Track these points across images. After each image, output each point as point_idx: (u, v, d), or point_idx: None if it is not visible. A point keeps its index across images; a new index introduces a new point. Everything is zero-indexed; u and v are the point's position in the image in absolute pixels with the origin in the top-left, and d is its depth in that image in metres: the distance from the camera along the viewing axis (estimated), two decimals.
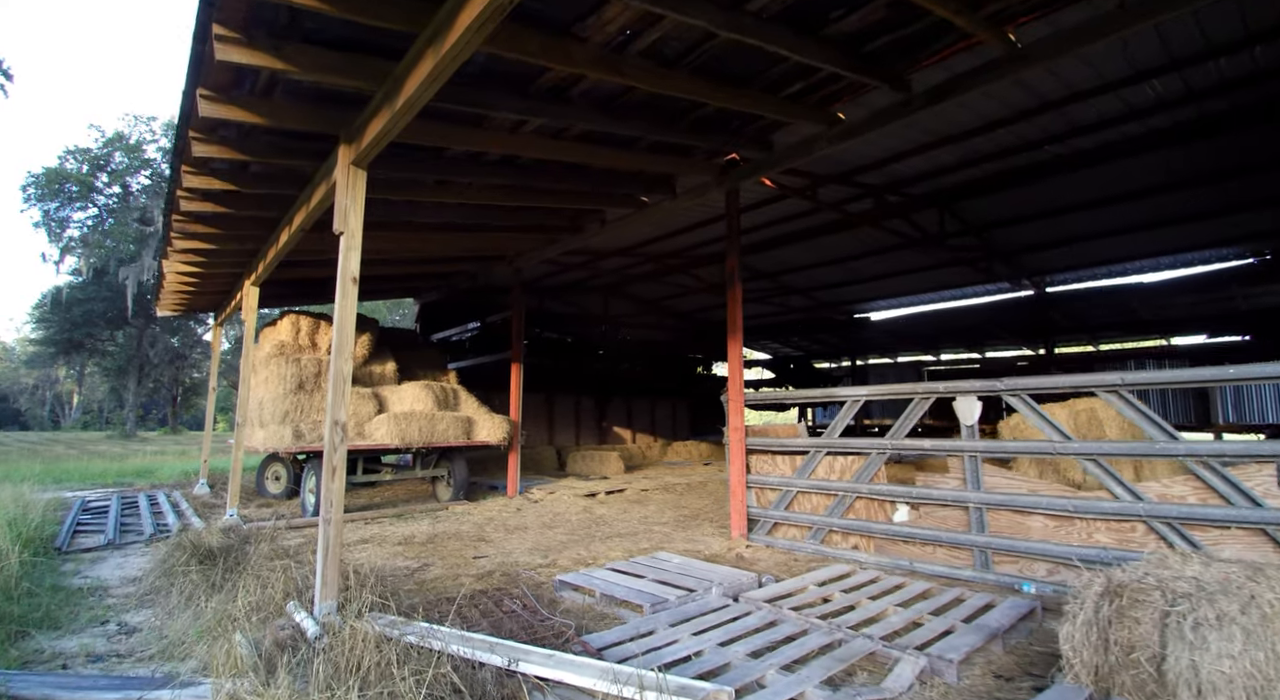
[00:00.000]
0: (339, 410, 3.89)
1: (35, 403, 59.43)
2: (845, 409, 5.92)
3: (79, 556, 6.25)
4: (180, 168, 4.99)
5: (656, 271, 13.87)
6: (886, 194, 9.72)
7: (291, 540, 6.95)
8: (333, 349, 3.97)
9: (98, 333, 35.31)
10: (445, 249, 9.13)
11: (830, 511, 5.93)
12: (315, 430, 8.33)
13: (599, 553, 6.19)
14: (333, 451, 3.86)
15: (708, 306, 19.23)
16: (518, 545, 6.64)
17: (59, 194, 28.95)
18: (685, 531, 7.30)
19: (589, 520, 8.12)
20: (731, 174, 6.84)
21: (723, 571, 4.99)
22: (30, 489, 8.97)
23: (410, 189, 6.22)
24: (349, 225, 4.07)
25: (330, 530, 3.83)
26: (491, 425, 9.65)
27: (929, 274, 14.94)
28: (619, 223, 8.62)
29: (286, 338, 9.31)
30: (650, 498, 10.10)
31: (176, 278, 8.58)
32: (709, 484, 11.68)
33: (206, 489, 11.22)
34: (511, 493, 10.24)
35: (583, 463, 13.77)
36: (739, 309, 6.80)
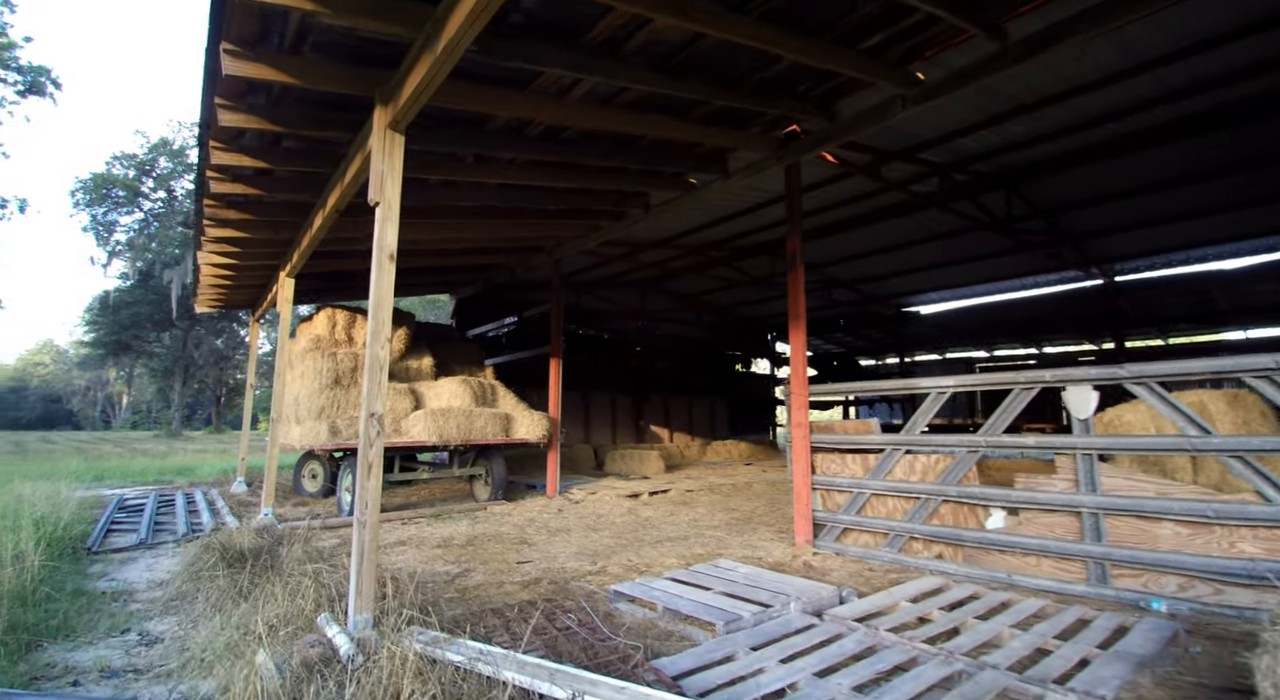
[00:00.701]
0: (375, 402, 3.47)
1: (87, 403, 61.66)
2: (928, 403, 5.30)
3: (109, 557, 6.00)
4: (209, 143, 4.65)
5: (698, 264, 13.33)
6: (952, 172, 9.02)
7: (326, 541, 6.61)
8: (368, 333, 3.55)
9: (144, 335, 36.23)
10: (483, 238, 8.74)
11: (911, 516, 5.32)
12: (351, 427, 8.02)
13: (651, 559, 5.69)
14: (368, 447, 3.44)
15: (748, 301, 18.60)
16: (562, 549, 6.18)
17: (106, 199, 29.70)
18: (741, 536, 6.75)
19: (635, 523, 7.63)
20: (792, 147, 6.28)
21: (797, 583, 4.44)
22: (69, 486, 8.88)
23: (448, 166, 5.82)
24: (385, 195, 3.65)
25: (365, 534, 3.41)
26: (530, 422, 9.24)
27: (988, 263, 14.09)
28: (664, 208, 8.11)
29: (322, 332, 9.05)
30: (696, 499, 9.57)
31: (211, 271, 8.37)
32: (754, 485, 11.09)
33: (244, 487, 11.07)
34: (551, 492, 9.81)
35: (622, 462, 13.31)
36: (801, 295, 6.23)
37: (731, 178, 7.06)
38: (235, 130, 4.48)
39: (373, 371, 3.49)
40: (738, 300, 18.96)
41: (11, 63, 24.72)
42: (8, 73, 24.88)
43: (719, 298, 18.92)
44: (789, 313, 6.29)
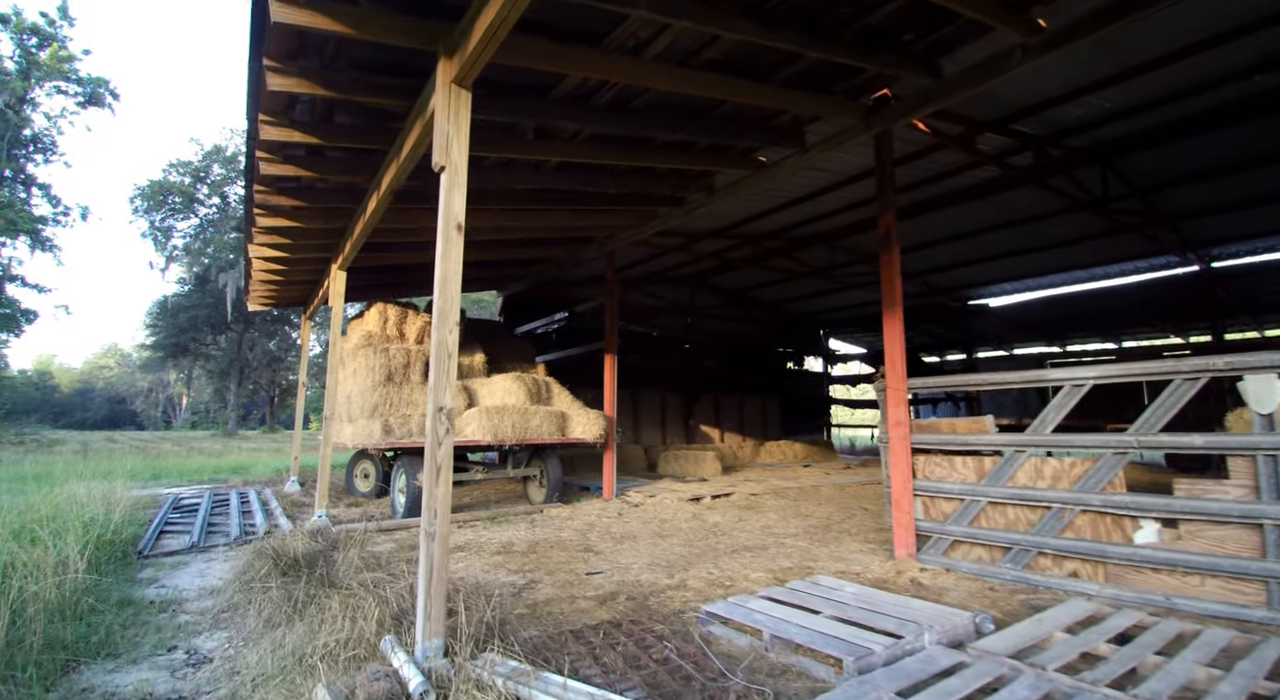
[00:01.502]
0: (444, 394, 3.00)
1: (150, 404, 64.24)
2: (1060, 397, 4.59)
3: (160, 561, 5.75)
4: (258, 118, 4.29)
5: (754, 255, 12.68)
6: (1047, 146, 8.19)
7: (382, 545, 6.26)
8: (435, 314, 3.09)
9: (201, 337, 37.35)
10: (537, 228, 8.31)
11: (1040, 528, 4.62)
12: (405, 425, 7.68)
13: (734, 572, 5.12)
14: (436, 446, 2.97)
15: (799, 295, 17.85)
16: (632, 558, 5.67)
17: (163, 205, 30.62)
18: (826, 547, 6.12)
19: (703, 529, 7.07)
20: (884, 112, 5.63)
21: (920, 607, 3.81)
22: (124, 486, 8.80)
23: (507, 143, 5.37)
24: (451, 157, 3.18)
25: (435, 548, 2.94)
26: (587, 421, 8.77)
27: (1069, 250, 13.06)
28: (729, 191, 7.52)
29: (374, 328, 8.76)
30: (762, 503, 8.94)
31: (263, 266, 8.15)
32: (821, 488, 10.39)
33: (297, 486, 10.93)
34: (608, 495, 9.33)
35: (675, 463, 12.75)
36: (897, 278, 5.59)
37: (809, 152, 6.43)
38: (285, 98, 4.10)
39: (439, 359, 3.03)
40: (788, 295, 18.21)
41: (71, 75, 25.64)
42: (68, 85, 25.83)
43: (769, 293, 18.22)
44: (883, 298, 5.65)
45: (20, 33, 24.54)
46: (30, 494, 7.77)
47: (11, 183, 24.52)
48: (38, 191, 25.48)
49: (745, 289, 18.08)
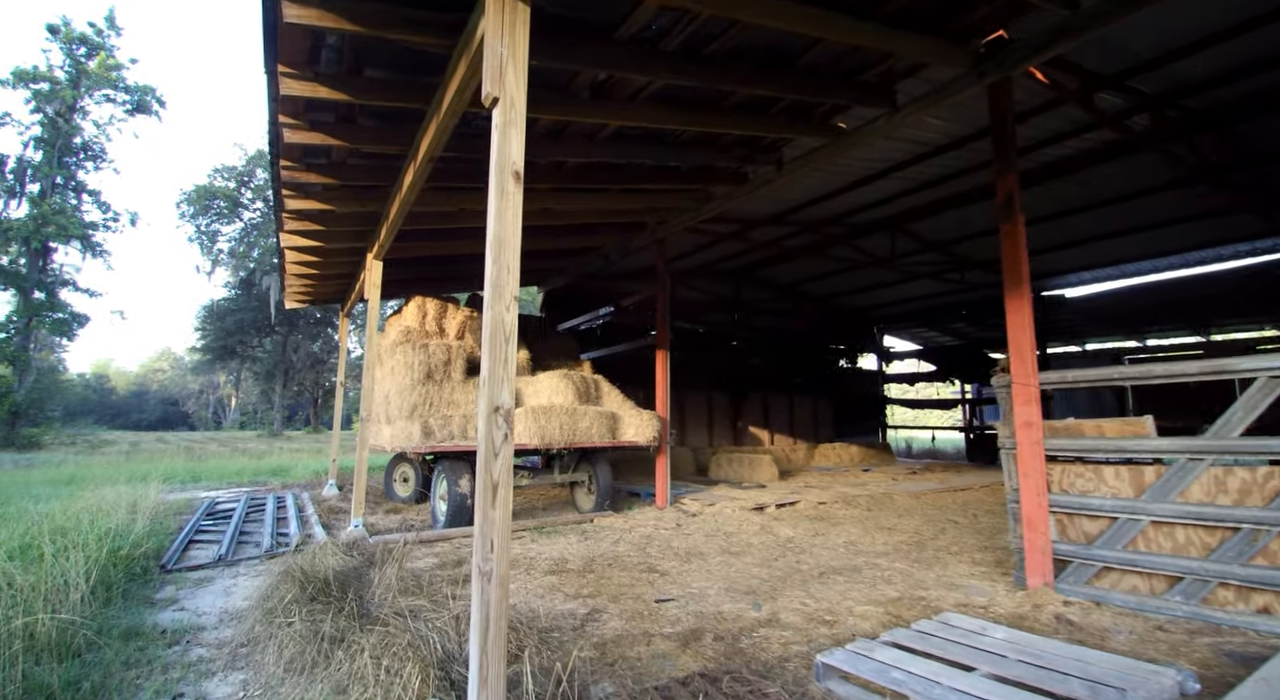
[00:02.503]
0: (500, 389, 2.30)
1: (201, 406, 66.13)
2: (1253, 392, 3.67)
3: (183, 577, 5.22)
4: (277, 70, 3.68)
5: (814, 243, 11.77)
6: (1164, 107, 7.15)
7: (422, 560, 5.64)
8: (487, 286, 2.39)
9: (247, 340, 37.97)
10: (584, 211, 7.63)
11: (1222, 554, 3.70)
12: (446, 427, 7.07)
13: (832, 603, 4.32)
14: (492, 456, 2.27)
15: (852, 290, 16.83)
16: (704, 581, 4.91)
17: (208, 210, 31.10)
18: (929, 570, 5.26)
19: (776, 545, 6.27)
20: (999, 58, 4.75)
21: (1101, 660, 2.96)
22: (158, 490, 8.43)
23: (559, 102, 4.67)
24: (506, 87, 2.48)
25: (492, 592, 2.23)
26: (639, 422, 8.05)
27: (1163, 232, 11.84)
28: (799, 165, 6.70)
29: (413, 323, 8.20)
30: (834, 514, 8.08)
31: (295, 257, 7.66)
32: (894, 497, 9.46)
33: (335, 490, 10.48)
34: (661, 503, 8.59)
35: (728, 467, 11.96)
36: (1022, 251, 4.73)
37: (899, 112, 5.58)
38: (306, 41, 3.47)
39: (495, 345, 2.32)
40: (840, 289, 17.21)
41: (119, 83, 26.11)
42: (116, 93, 26.31)
43: (819, 287, 17.25)
44: (1006, 277, 4.78)
45: (69, 42, 25.09)
46: (58, 500, 7.42)
47: (63, 190, 25.07)
48: (88, 198, 26.04)
49: (794, 283, 17.15)
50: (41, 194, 24.01)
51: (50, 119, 24.35)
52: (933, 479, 11.68)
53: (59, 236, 23.66)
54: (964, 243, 13.08)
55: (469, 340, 8.28)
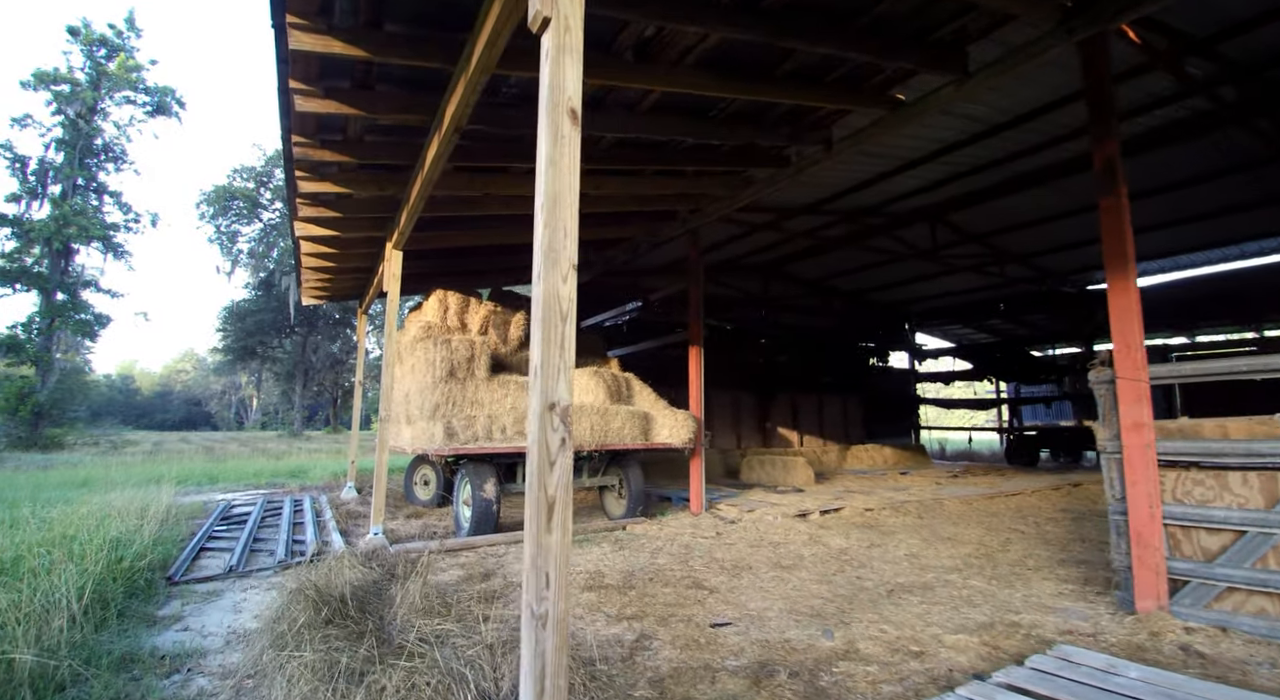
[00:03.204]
0: (556, 381, 1.82)
1: (223, 406, 66.86)
2: None
3: (191, 590, 4.82)
4: (285, 23, 3.23)
5: (851, 234, 11.18)
6: (1249, 77, 6.51)
7: (448, 573, 5.19)
8: (539, 251, 1.90)
9: (268, 340, 38.07)
10: (615, 197, 7.16)
11: None
12: (470, 427, 6.63)
13: (914, 629, 3.79)
14: (546, 465, 1.78)
15: (887, 283, 16.19)
16: (760, 600, 4.40)
17: (227, 210, 31.12)
18: (1010, 588, 4.70)
19: (830, 557, 5.73)
20: (1091, 12, 4.19)
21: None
22: (170, 493, 8.09)
23: (600, 65, 4.18)
24: (559, 7, 1.99)
25: (548, 640, 1.74)
26: (674, 423, 7.55)
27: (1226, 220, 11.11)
28: (850, 144, 6.16)
29: (433, 318, 7.78)
30: (883, 521, 7.52)
31: (311, 248, 7.26)
32: (944, 503, 8.86)
33: (353, 493, 10.11)
34: (696, 508, 8.08)
35: (761, 470, 11.42)
36: (1127, 227, 4.15)
37: (972, 78, 5.02)
38: None
39: (549, 324, 1.84)
40: (871, 284, 16.59)
41: (139, 84, 26.14)
42: (136, 94, 26.35)
43: (849, 282, 16.64)
44: (1107, 258, 4.21)
45: (89, 44, 25.15)
46: (67, 504, 7.10)
47: (84, 191, 25.14)
48: (109, 199, 26.10)
49: (823, 278, 16.56)
50: (63, 195, 24.07)
51: (71, 120, 24.42)
52: (979, 483, 11.04)
53: (80, 237, 23.70)
54: (1005, 235, 12.43)
55: (492, 336, 7.84)
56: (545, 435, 1.80)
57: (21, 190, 23.91)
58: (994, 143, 8.36)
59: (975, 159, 9.03)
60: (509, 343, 8.02)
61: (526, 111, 4.72)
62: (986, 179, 9.81)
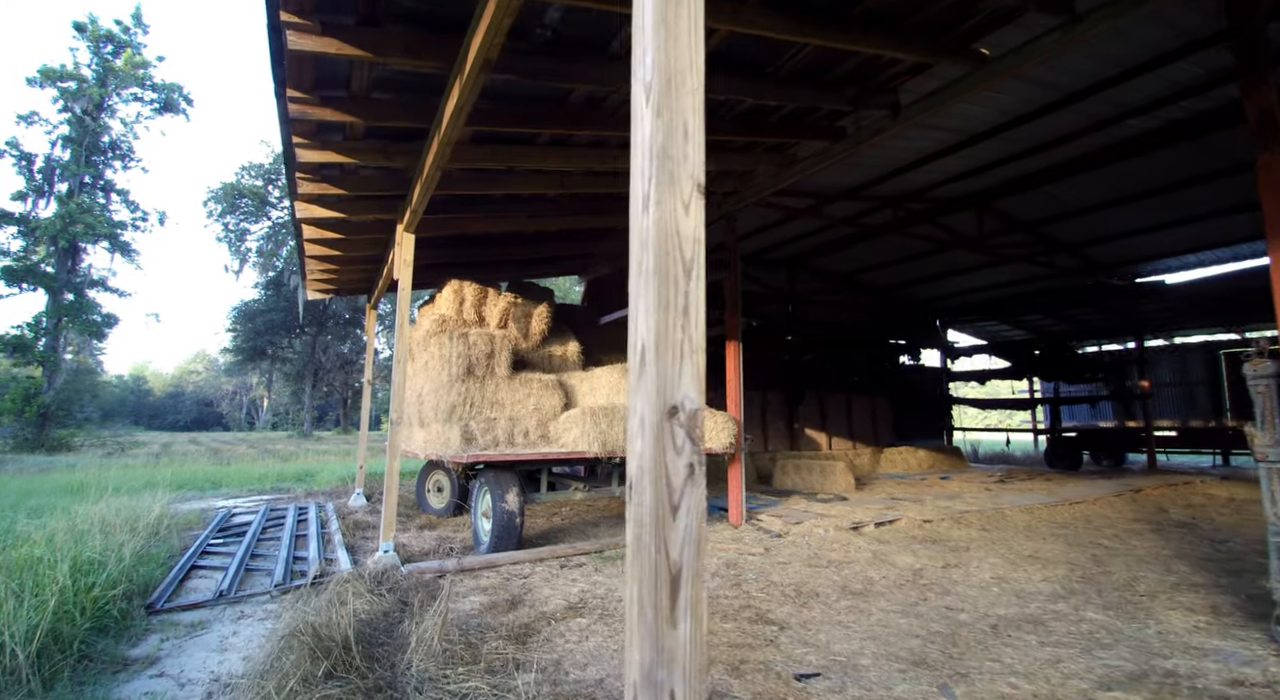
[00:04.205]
0: (678, 370, 1.12)
1: (234, 407, 66.77)
2: None
3: (174, 621, 4.15)
4: None
5: (897, 221, 10.41)
6: None
7: (468, 600, 4.50)
8: (641, 173, 1.19)
9: (278, 340, 37.68)
10: None
11: None
12: (490, 430, 5.95)
13: (1051, 683, 3.06)
14: (665, 509, 1.08)
15: (917, 278, 15.38)
16: (843, 639, 3.68)
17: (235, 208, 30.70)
18: (1137, 622, 3.95)
19: (905, 581, 5.00)
20: None
21: None
22: (166, 501, 7.47)
23: None
24: None
25: None
26: (713, 426, 6.85)
27: None
28: (919, 109, 5.43)
29: (448, 311, 7.11)
30: (947, 535, 6.77)
31: (315, 234, 6.61)
32: (1006, 513, 8.09)
33: (362, 500, 9.47)
34: (736, 519, 7.36)
35: (795, 475, 10.68)
36: None
37: (1081, 24, 4.27)
38: None
39: (665, 279, 1.13)
40: (901, 279, 15.80)
41: (146, 81, 25.71)
42: (144, 91, 25.93)
43: (878, 277, 15.86)
44: (1269, 223, 3.45)
45: (96, 40, 24.75)
46: (51, 513, 6.48)
47: (91, 189, 24.74)
48: (116, 197, 25.69)
49: (852, 272, 15.81)
50: (69, 193, 23.68)
51: (78, 117, 24.03)
52: (1032, 490, 10.24)
53: (86, 236, 23.29)
54: (1055, 223, 11.62)
55: (512, 330, 7.15)
56: (662, 458, 1.10)
57: (28, 188, 23.54)
58: (1056, 119, 7.61)
59: (1034, 137, 8.27)
60: (530, 337, 7.33)
61: (560, 60, 4.02)
62: (1042, 160, 9.05)
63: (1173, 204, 10.56)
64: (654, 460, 1.10)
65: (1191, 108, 7.68)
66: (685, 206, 1.16)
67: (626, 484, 1.17)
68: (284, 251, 33.45)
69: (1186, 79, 7.01)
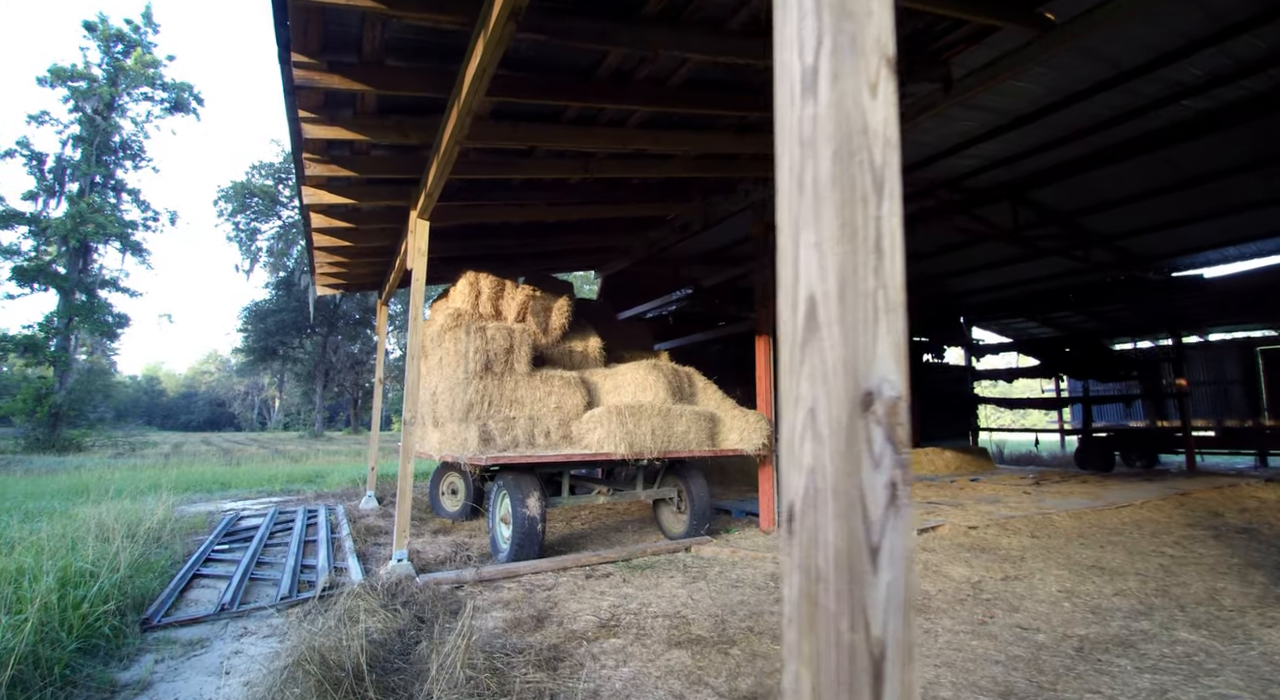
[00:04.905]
0: (874, 344, 0.73)
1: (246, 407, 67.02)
2: None
3: (171, 638, 3.80)
4: None
5: (929, 210, 9.96)
6: None
7: (490, 616, 4.12)
8: (797, 42, 0.79)
9: (289, 340, 37.62)
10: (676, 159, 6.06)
11: None
12: (509, 431, 5.58)
13: None
14: (860, 553, 0.67)
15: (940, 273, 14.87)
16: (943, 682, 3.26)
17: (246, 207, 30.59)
18: (1238, 643, 3.52)
19: (966, 595, 4.58)
20: None
21: None
22: (172, 503, 7.15)
23: None
24: None
25: None
26: (745, 426, 6.44)
27: None
28: (974, 81, 5.01)
29: (464, 304, 6.75)
30: (997, 543, 6.32)
31: (323, 223, 6.26)
32: (1052, 518, 7.62)
33: (373, 503, 9.13)
34: (767, 524, 6.96)
35: None
36: None
37: None
38: None
39: (847, 190, 0.73)
40: (927, 274, 15.29)
41: (157, 80, 25.60)
42: (154, 90, 25.82)
43: None
44: None
45: (107, 39, 24.66)
46: (49, 517, 6.18)
47: (101, 188, 24.64)
48: (127, 197, 25.60)
49: None
50: (80, 193, 23.58)
51: (88, 117, 23.94)
52: (1074, 493, 9.76)
53: (97, 235, 23.18)
54: (1093, 214, 11.12)
55: (531, 324, 6.78)
56: (854, 475, 0.70)
57: (39, 188, 23.47)
58: (1108, 99, 7.16)
59: (1076, 122, 7.82)
60: (550, 332, 6.96)
61: (592, 19, 3.64)
62: (1084, 146, 8.58)
63: (1216, 193, 10.05)
64: (838, 479, 0.70)
65: (1250, 87, 7.21)
66: (872, 88, 0.76)
67: (783, 513, 0.77)
68: (294, 251, 33.34)
69: (1250, 54, 6.56)
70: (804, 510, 0.73)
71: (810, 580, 0.72)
